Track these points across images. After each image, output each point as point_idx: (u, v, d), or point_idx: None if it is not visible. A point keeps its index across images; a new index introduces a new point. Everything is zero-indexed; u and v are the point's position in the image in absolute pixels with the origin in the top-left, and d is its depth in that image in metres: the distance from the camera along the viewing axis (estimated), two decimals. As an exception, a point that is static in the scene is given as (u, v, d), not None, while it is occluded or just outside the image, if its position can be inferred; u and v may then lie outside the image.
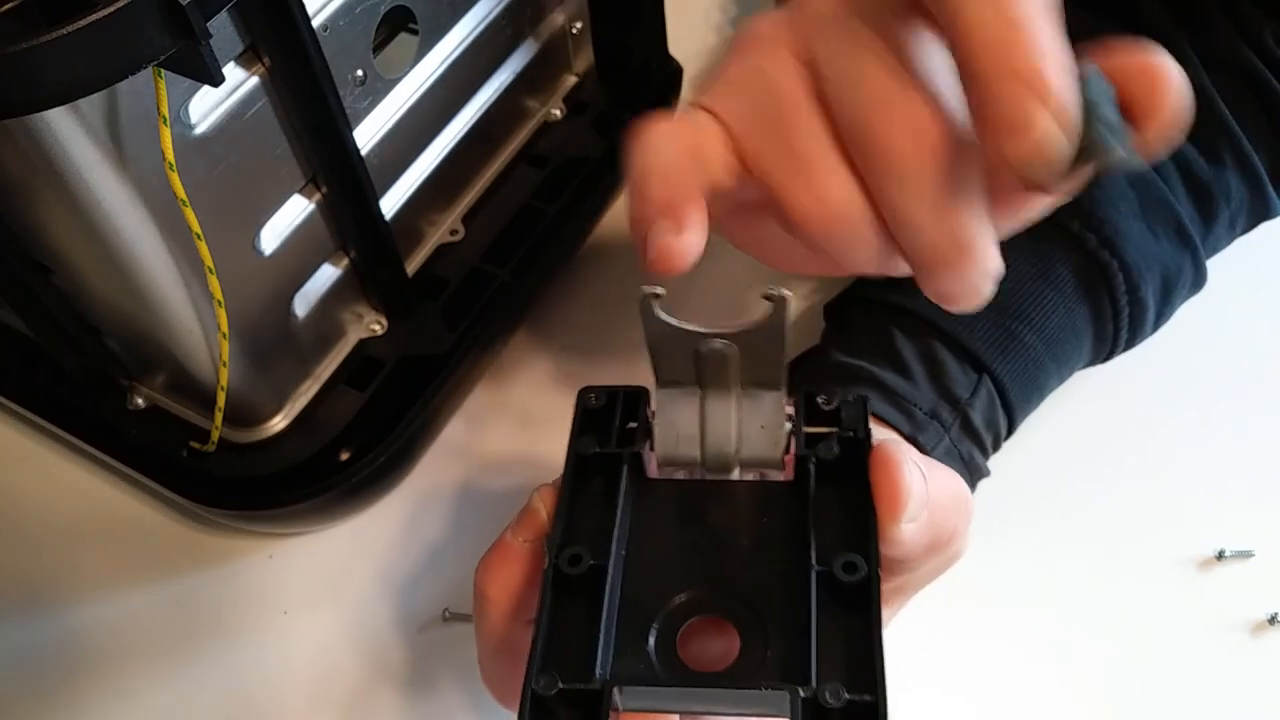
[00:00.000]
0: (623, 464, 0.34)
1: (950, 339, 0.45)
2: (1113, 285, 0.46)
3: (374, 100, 0.46)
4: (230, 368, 0.43)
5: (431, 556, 0.51)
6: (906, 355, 0.45)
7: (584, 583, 0.31)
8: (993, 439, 0.45)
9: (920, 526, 0.32)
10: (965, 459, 0.43)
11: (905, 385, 0.44)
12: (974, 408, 0.44)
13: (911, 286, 0.45)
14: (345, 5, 0.41)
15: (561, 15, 0.56)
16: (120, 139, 0.36)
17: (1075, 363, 0.48)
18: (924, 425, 0.43)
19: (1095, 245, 0.45)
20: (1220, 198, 0.49)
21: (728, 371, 0.33)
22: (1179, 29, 0.50)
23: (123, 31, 0.29)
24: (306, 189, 0.44)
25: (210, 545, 0.52)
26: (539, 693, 0.28)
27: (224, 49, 0.37)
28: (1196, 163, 0.48)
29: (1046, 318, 0.45)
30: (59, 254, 0.43)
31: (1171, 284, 0.48)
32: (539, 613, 0.30)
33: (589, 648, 0.29)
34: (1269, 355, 0.55)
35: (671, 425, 0.34)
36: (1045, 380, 0.46)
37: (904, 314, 0.46)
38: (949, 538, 0.34)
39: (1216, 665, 0.46)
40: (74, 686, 0.48)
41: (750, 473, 0.34)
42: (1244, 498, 0.50)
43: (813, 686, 0.28)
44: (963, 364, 0.45)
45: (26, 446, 0.56)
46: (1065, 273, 0.46)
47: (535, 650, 0.29)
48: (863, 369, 0.44)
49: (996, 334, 0.45)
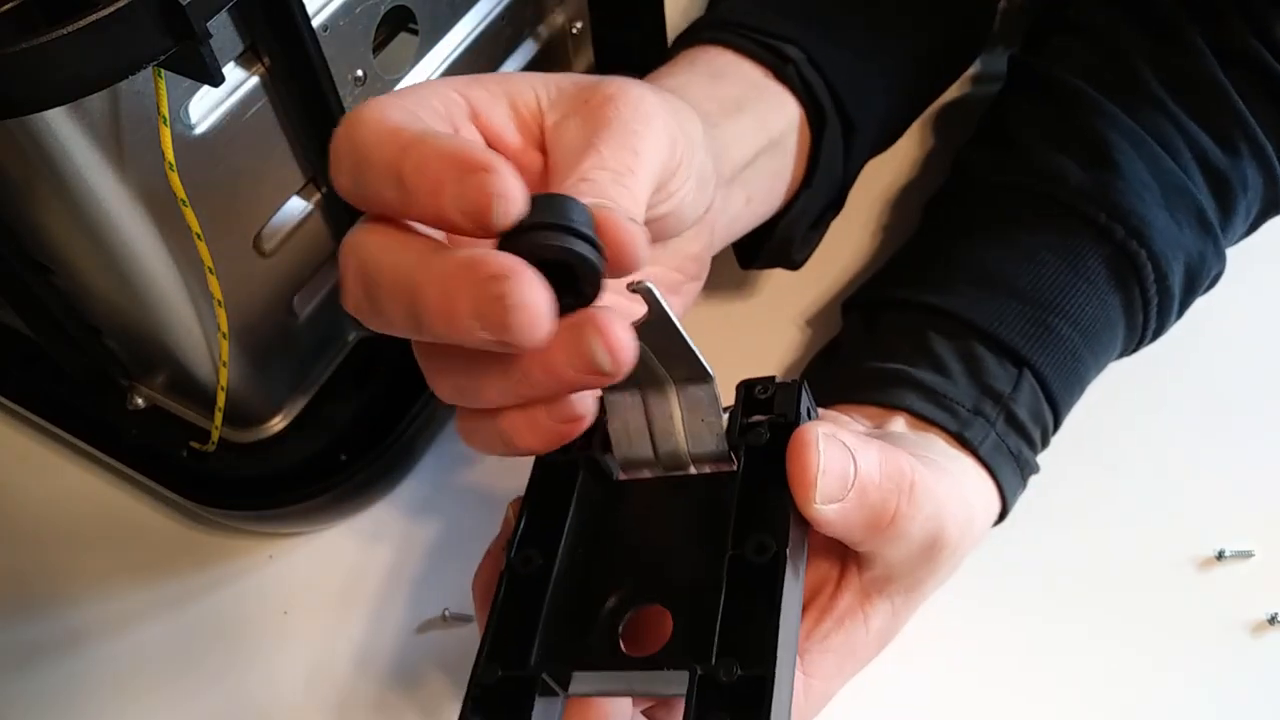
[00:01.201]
0: (579, 469, 0.35)
1: (987, 336, 0.45)
2: (1142, 275, 0.46)
3: (374, 100, 0.46)
4: (230, 368, 0.43)
5: (431, 556, 0.51)
6: (944, 355, 0.45)
7: (534, 581, 0.33)
8: (1040, 433, 0.45)
9: (848, 507, 0.32)
10: (1014, 453, 0.44)
11: (946, 384, 0.44)
12: (1017, 402, 0.44)
13: (945, 285, 0.46)
14: (345, 5, 0.41)
15: (561, 15, 0.56)
16: (120, 139, 0.36)
17: (1111, 352, 0.48)
18: (969, 422, 0.43)
19: (1123, 236, 0.46)
20: (1238, 187, 0.49)
21: (651, 370, 0.33)
22: (1191, 22, 0.50)
23: (123, 31, 0.29)
24: (306, 189, 0.45)
25: (210, 545, 0.52)
26: (480, 680, 0.31)
27: (224, 49, 0.38)
28: (1214, 153, 0.49)
29: (1080, 309, 0.46)
30: (59, 254, 0.43)
31: (1195, 272, 0.48)
32: (491, 609, 0.33)
33: (530, 639, 0.32)
34: (1269, 356, 0.55)
35: (623, 427, 0.35)
36: (1085, 371, 0.46)
37: (938, 314, 0.46)
38: (889, 519, 0.34)
39: (1216, 665, 0.46)
40: (74, 686, 0.48)
41: (705, 467, 0.35)
42: (1244, 498, 0.50)
43: (710, 664, 0.29)
44: (1001, 360, 0.45)
45: (26, 446, 0.56)
46: (1096, 264, 0.46)
47: (484, 643, 0.32)
48: (900, 371, 0.44)
49: (1032, 328, 0.45)
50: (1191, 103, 0.49)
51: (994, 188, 0.50)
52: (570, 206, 0.29)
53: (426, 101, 0.33)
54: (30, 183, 0.38)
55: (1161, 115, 0.49)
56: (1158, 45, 0.50)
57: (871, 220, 0.61)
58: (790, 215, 0.49)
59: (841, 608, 0.38)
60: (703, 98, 0.44)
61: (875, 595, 0.38)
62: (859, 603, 0.38)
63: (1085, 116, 0.49)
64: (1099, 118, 0.48)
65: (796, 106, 0.47)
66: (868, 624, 0.38)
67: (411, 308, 0.29)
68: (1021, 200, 0.48)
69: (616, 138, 0.33)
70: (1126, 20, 0.51)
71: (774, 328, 0.57)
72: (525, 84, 0.36)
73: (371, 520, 0.52)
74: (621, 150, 0.32)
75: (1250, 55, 0.49)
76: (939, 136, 0.64)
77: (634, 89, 0.35)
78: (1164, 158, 0.48)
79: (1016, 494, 0.44)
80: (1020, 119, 0.51)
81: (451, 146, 0.28)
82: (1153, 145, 0.48)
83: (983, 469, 0.43)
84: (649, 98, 0.35)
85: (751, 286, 0.59)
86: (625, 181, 0.32)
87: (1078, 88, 0.49)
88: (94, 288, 0.44)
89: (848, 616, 0.38)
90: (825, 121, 0.48)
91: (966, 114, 0.64)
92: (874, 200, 0.62)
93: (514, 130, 0.35)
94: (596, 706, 0.33)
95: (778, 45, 0.47)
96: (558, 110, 0.35)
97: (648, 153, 0.33)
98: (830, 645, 0.38)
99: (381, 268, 0.30)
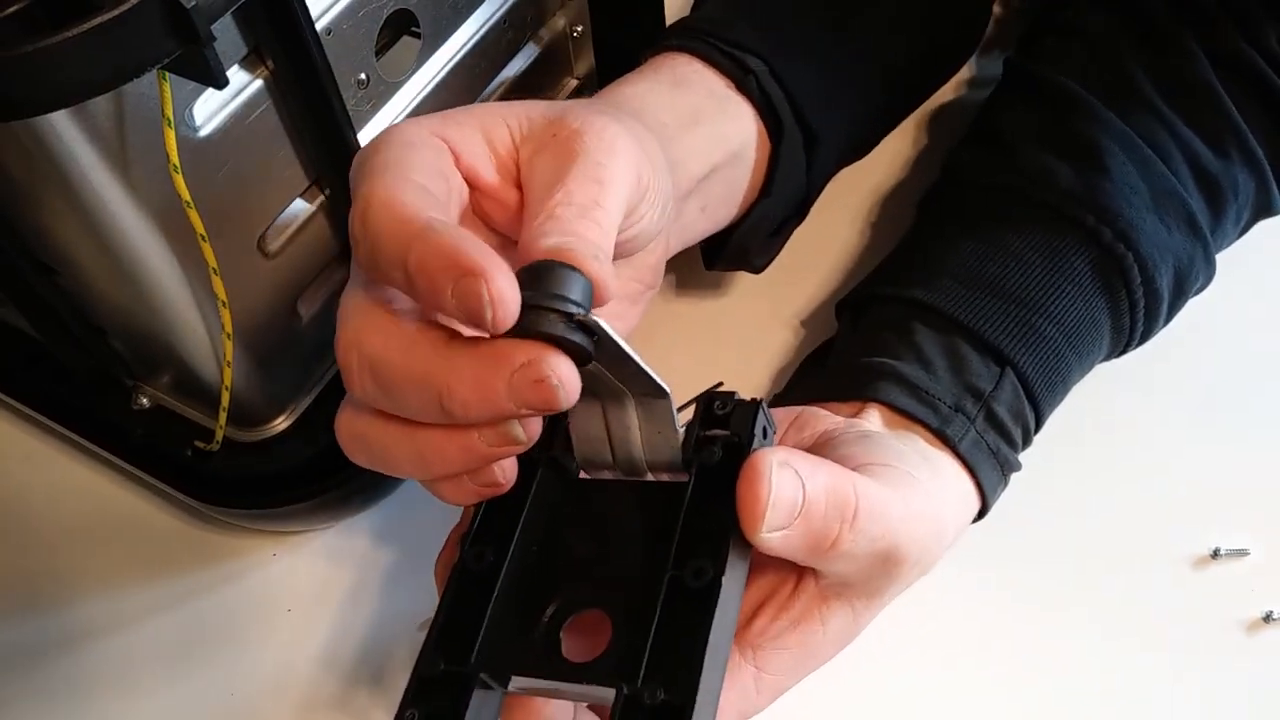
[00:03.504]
0: (538, 468, 0.36)
1: (970, 333, 0.45)
2: (1129, 278, 0.46)
3: (377, 103, 0.46)
4: (234, 368, 0.44)
5: (433, 555, 0.51)
6: (928, 349, 0.45)
7: (483, 577, 0.34)
8: (1021, 432, 0.46)
9: (792, 534, 0.33)
10: (993, 450, 0.44)
11: (928, 379, 0.44)
12: (998, 400, 0.44)
13: (931, 281, 0.46)
14: (348, 8, 0.42)
15: (563, 19, 0.56)
16: (125, 141, 0.36)
17: (1095, 355, 0.48)
18: (950, 419, 0.43)
19: (1110, 239, 0.46)
20: (1228, 191, 0.49)
21: (608, 385, 0.34)
22: (1186, 27, 0.50)
23: (127, 34, 0.29)
24: (310, 191, 0.45)
25: (214, 544, 0.52)
26: (422, 672, 0.32)
27: (228, 52, 0.38)
28: (1206, 156, 0.49)
29: (1065, 310, 0.46)
30: (64, 255, 0.43)
31: (1184, 275, 0.48)
32: (439, 602, 0.34)
33: (475, 635, 0.33)
34: (1264, 354, 0.55)
35: (584, 432, 0.36)
36: (1068, 372, 0.47)
37: (924, 309, 0.46)
38: (830, 544, 0.34)
39: (1212, 663, 0.46)
40: (77, 684, 0.49)
41: (663, 475, 0.36)
42: (1239, 496, 0.50)
43: (637, 685, 0.30)
44: (984, 358, 0.45)
45: (31, 446, 0.56)
46: (1082, 266, 0.46)
47: (430, 636, 0.33)
48: (885, 365, 0.44)
49: (1016, 327, 0.45)
50: (1184, 107, 0.49)
51: (983, 189, 0.50)
52: (570, 285, 0.30)
53: (423, 159, 0.34)
54: (35, 185, 0.39)
55: (1154, 119, 0.49)
56: (1152, 50, 0.51)
57: (865, 221, 0.61)
58: (746, 225, 0.50)
59: (798, 609, 0.38)
60: (662, 108, 0.45)
61: (833, 599, 0.38)
62: (815, 605, 0.38)
63: (1077, 119, 0.49)
64: (1091, 121, 0.49)
65: (755, 119, 0.48)
66: (825, 625, 0.38)
67: (436, 398, 0.31)
68: (1010, 201, 0.48)
69: (583, 171, 0.34)
70: (1122, 25, 0.52)
71: (766, 328, 0.57)
72: (499, 119, 0.37)
73: (375, 519, 0.53)
74: (588, 184, 0.34)
75: (1242, 60, 0.50)
76: (933, 137, 0.65)
77: (598, 120, 0.36)
78: (1155, 161, 0.48)
79: (997, 491, 0.44)
80: (1012, 120, 0.52)
81: (449, 246, 0.29)
82: (1144, 149, 0.48)
83: (961, 466, 0.43)
84: (612, 128, 0.36)
85: (743, 287, 0.59)
86: (592, 215, 0.33)
87: (1071, 90, 0.50)
88: (99, 289, 0.45)
89: (804, 618, 0.38)
90: (784, 134, 0.48)
91: (961, 115, 0.64)
92: (868, 201, 0.62)
93: (492, 169, 0.36)
94: (535, 707, 0.34)
95: (741, 56, 0.48)
96: (530, 145, 0.36)
97: (613, 184, 0.34)
98: (785, 644, 0.38)
99: (393, 364, 0.31)
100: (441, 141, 0.35)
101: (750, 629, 0.38)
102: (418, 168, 0.33)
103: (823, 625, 0.38)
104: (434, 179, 0.34)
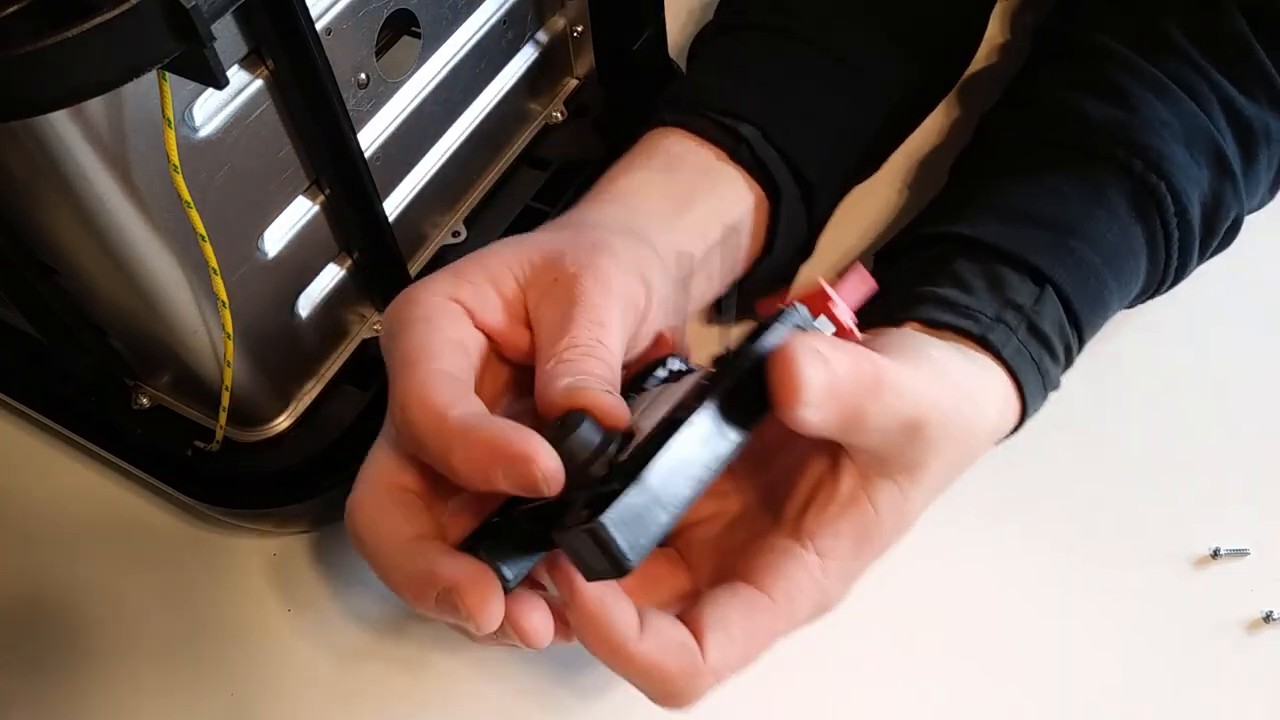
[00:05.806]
0: None
1: (1010, 256, 0.46)
2: (1163, 207, 0.47)
3: (377, 103, 0.46)
4: (234, 368, 0.44)
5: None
6: (967, 275, 0.46)
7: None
8: (1064, 349, 0.46)
9: (826, 410, 0.34)
10: (1035, 359, 0.44)
11: (967, 297, 0.45)
12: (1039, 314, 0.45)
13: (970, 218, 0.47)
14: (348, 8, 0.42)
15: (562, 19, 0.56)
16: (125, 141, 0.36)
17: (1134, 283, 0.48)
18: (991, 327, 0.44)
19: (1142, 169, 0.47)
20: (1261, 135, 0.50)
21: None
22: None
23: (127, 34, 0.29)
24: (310, 191, 0.45)
25: (214, 544, 0.52)
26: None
27: (228, 52, 0.38)
28: (1239, 100, 0.50)
29: (1102, 236, 0.46)
30: (64, 255, 0.43)
31: (1212, 212, 0.49)
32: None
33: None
34: (1265, 354, 0.55)
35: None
36: (1108, 297, 0.47)
37: (964, 242, 0.47)
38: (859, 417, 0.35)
39: (1212, 663, 0.46)
40: (78, 684, 0.49)
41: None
42: (1239, 496, 0.50)
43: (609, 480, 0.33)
44: (1023, 277, 0.46)
45: (31, 446, 0.56)
46: (1117, 198, 0.47)
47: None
48: (924, 291, 0.45)
49: (1054, 249, 0.46)
50: (1218, 56, 0.50)
51: (1017, 142, 0.51)
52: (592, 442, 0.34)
53: (445, 339, 0.38)
54: (35, 184, 0.39)
55: (1189, 67, 0.49)
56: (1186, 8, 0.51)
57: (903, 183, 0.62)
58: (752, 281, 0.51)
59: (845, 492, 0.39)
60: (655, 196, 0.47)
61: (875, 478, 0.39)
62: (860, 486, 0.39)
63: (1110, 67, 0.49)
64: (1122, 69, 0.49)
65: (750, 188, 0.49)
66: (875, 504, 0.39)
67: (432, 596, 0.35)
68: (1044, 148, 0.49)
69: (584, 315, 0.38)
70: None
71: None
72: (505, 269, 0.40)
73: (374, 519, 0.53)
74: (590, 325, 0.37)
75: (1276, 11, 0.50)
76: (965, 107, 0.65)
77: (595, 263, 0.39)
78: (1186, 100, 0.49)
79: (1038, 401, 0.45)
80: (1046, 79, 0.52)
81: (494, 440, 0.33)
82: (1176, 91, 0.49)
83: (1003, 368, 0.43)
84: (607, 269, 0.39)
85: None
86: (597, 353, 0.37)
87: (1104, 43, 0.50)
88: (99, 289, 0.45)
89: (852, 500, 0.39)
90: (781, 195, 0.49)
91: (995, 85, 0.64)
92: (901, 165, 0.62)
93: (502, 317, 0.40)
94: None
95: (733, 124, 0.49)
96: (534, 290, 0.40)
97: (613, 326, 0.38)
98: (840, 530, 0.39)
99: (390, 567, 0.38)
100: (457, 305, 0.39)
101: (804, 519, 0.40)
102: (442, 353, 0.37)
103: (872, 504, 0.39)
104: (458, 358, 0.37)
